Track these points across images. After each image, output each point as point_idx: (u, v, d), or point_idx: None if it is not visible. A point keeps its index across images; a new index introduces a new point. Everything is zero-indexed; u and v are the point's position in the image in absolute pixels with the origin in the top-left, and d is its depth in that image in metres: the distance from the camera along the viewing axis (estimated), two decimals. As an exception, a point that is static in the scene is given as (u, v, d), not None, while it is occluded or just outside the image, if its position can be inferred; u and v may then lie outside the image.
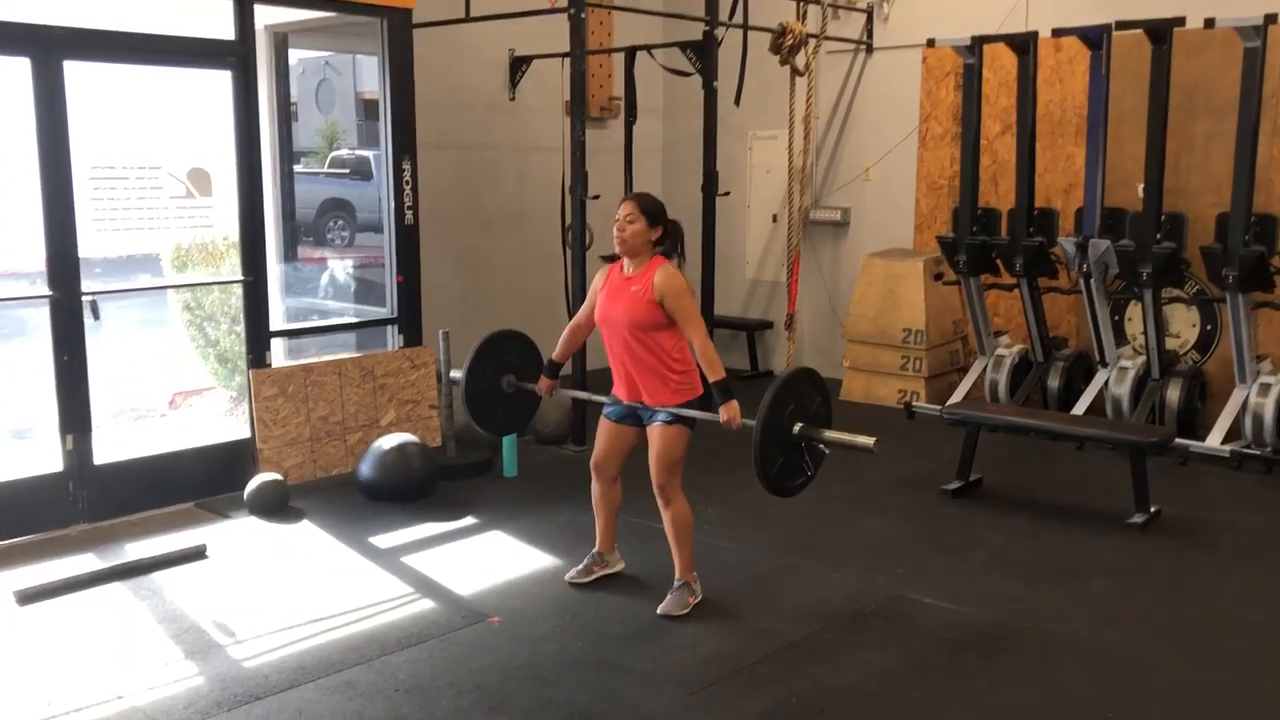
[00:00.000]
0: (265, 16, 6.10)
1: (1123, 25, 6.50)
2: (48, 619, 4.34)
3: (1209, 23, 6.23)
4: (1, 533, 5.08)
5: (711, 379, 4.15)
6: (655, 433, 4.28)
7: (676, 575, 4.42)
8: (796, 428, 3.99)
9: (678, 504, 4.33)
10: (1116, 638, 4.17)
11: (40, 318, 5.25)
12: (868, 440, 3.95)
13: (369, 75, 9.17)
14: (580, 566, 4.70)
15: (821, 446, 4.04)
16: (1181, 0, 6.69)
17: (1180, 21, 6.33)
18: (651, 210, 4.22)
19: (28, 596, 4.48)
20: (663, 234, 4.25)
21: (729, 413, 4.10)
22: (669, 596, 4.39)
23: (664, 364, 4.22)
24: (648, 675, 3.87)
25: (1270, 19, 6.06)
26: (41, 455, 5.33)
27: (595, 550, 4.71)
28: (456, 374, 4.75)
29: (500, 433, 4.85)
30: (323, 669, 3.90)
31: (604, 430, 4.52)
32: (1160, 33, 6.37)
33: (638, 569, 4.77)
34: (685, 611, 4.33)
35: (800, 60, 8.03)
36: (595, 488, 4.60)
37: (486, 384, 4.66)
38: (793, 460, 4.03)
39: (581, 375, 6.57)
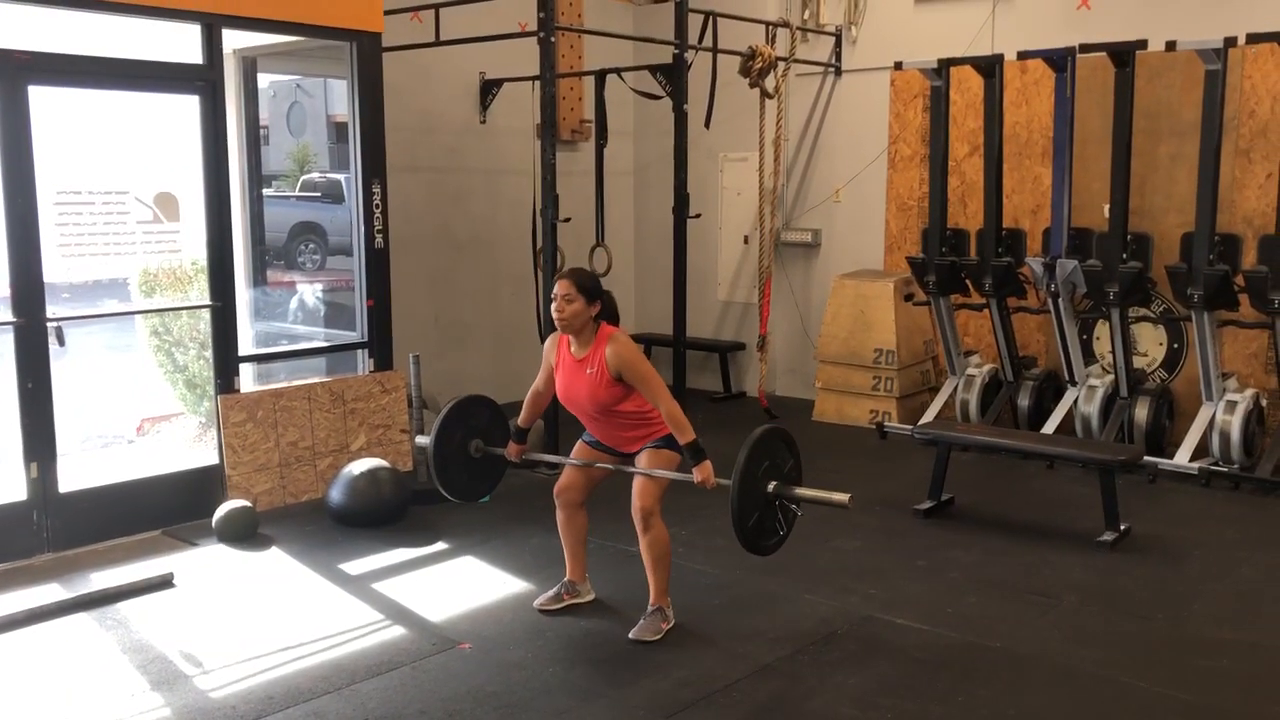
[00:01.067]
0: (234, 41, 6.09)
1: (1086, 48, 6.58)
2: (11, 650, 4.26)
3: (1170, 46, 6.32)
4: (-36, 563, 5.01)
5: (681, 441, 4.14)
6: (644, 457, 4.29)
7: (650, 600, 4.39)
8: (771, 486, 4.00)
9: (657, 529, 4.29)
10: (1088, 656, 4.18)
11: (4, 344, 5.18)
12: (842, 497, 3.98)
13: (340, 98, 9.14)
14: (550, 594, 4.66)
15: (795, 507, 4.06)
16: (1143, 24, 6.80)
17: (1142, 45, 6.41)
18: (588, 287, 4.23)
19: (-10, 628, 4.41)
20: (601, 308, 4.27)
21: (703, 474, 4.10)
22: (641, 621, 4.36)
23: (634, 422, 4.28)
24: (621, 700, 3.85)
25: (1230, 42, 6.16)
26: (4, 484, 5.26)
27: (566, 579, 4.67)
28: (423, 440, 4.61)
29: (467, 498, 4.76)
30: (291, 698, 3.85)
31: (579, 453, 4.50)
32: (1123, 56, 6.45)
33: (610, 593, 4.75)
34: (658, 637, 4.31)
35: (770, 83, 8.09)
36: (559, 515, 4.56)
37: (454, 449, 4.54)
38: (767, 518, 4.04)
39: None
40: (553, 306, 4.23)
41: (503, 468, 4.74)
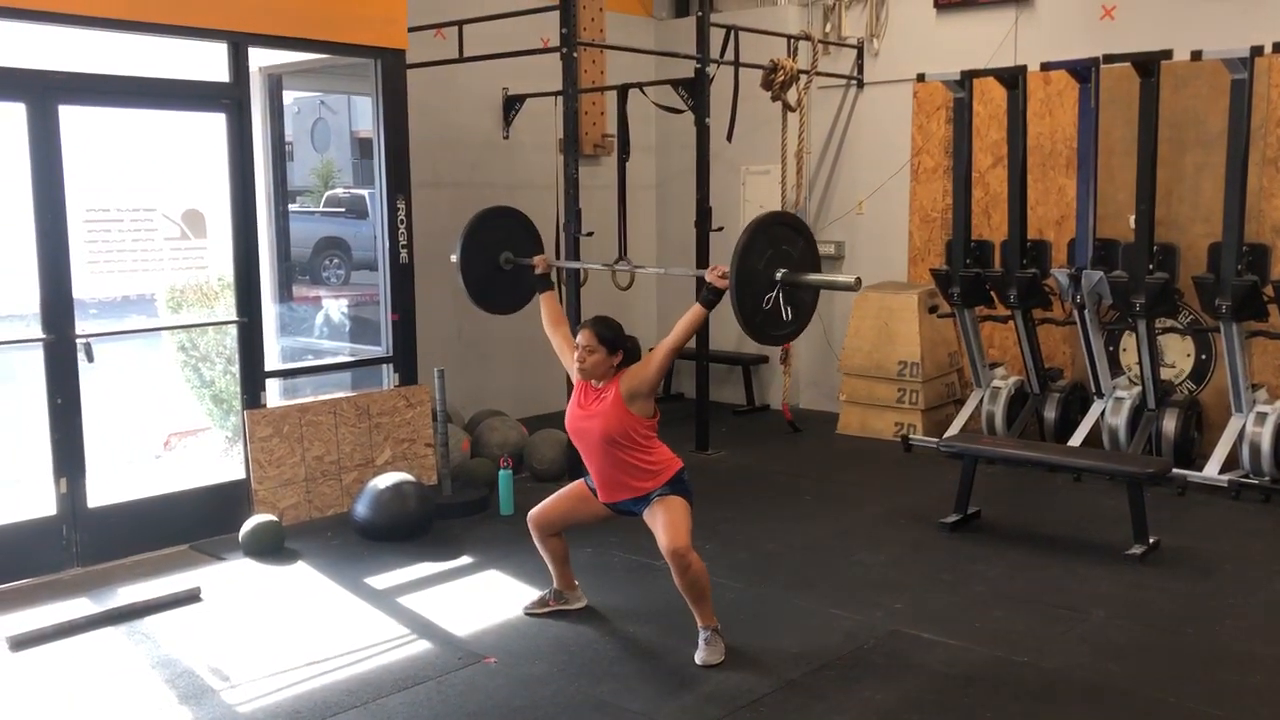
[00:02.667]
0: (260, 59, 6.14)
1: (1110, 59, 6.55)
2: (41, 665, 4.30)
3: (1196, 55, 6.29)
4: (-6, 578, 5.05)
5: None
6: (662, 504, 4.23)
7: (701, 623, 4.26)
8: (779, 274, 4.21)
9: (695, 565, 4.16)
10: (1117, 671, 4.14)
11: (34, 360, 5.24)
12: (848, 278, 4.19)
13: (364, 114, 9.18)
14: (535, 599, 4.73)
15: (785, 311, 4.23)
16: (1168, 33, 6.76)
17: (1167, 54, 6.38)
18: (610, 338, 4.26)
19: (20, 642, 4.45)
20: (623, 357, 4.28)
21: (716, 270, 4.29)
22: (705, 647, 4.22)
23: (638, 465, 4.25)
24: (646, 715, 3.84)
25: (1256, 51, 6.11)
26: (35, 499, 5.30)
27: (554, 588, 4.71)
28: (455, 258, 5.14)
29: (497, 308, 5.43)
30: (318, 713, 3.86)
31: (575, 493, 4.49)
32: (1148, 66, 6.42)
33: (634, 606, 4.74)
34: (724, 656, 4.23)
35: (792, 96, 8.09)
36: (534, 536, 4.57)
37: (484, 256, 5.15)
38: (771, 302, 4.22)
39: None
40: (574, 355, 4.27)
41: (531, 284, 5.19)
